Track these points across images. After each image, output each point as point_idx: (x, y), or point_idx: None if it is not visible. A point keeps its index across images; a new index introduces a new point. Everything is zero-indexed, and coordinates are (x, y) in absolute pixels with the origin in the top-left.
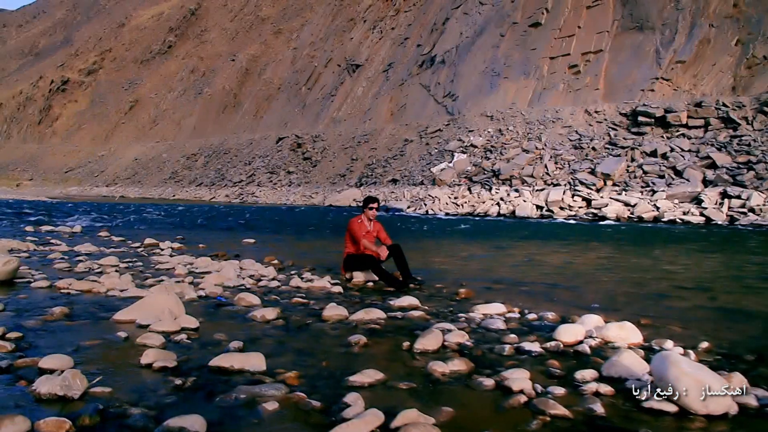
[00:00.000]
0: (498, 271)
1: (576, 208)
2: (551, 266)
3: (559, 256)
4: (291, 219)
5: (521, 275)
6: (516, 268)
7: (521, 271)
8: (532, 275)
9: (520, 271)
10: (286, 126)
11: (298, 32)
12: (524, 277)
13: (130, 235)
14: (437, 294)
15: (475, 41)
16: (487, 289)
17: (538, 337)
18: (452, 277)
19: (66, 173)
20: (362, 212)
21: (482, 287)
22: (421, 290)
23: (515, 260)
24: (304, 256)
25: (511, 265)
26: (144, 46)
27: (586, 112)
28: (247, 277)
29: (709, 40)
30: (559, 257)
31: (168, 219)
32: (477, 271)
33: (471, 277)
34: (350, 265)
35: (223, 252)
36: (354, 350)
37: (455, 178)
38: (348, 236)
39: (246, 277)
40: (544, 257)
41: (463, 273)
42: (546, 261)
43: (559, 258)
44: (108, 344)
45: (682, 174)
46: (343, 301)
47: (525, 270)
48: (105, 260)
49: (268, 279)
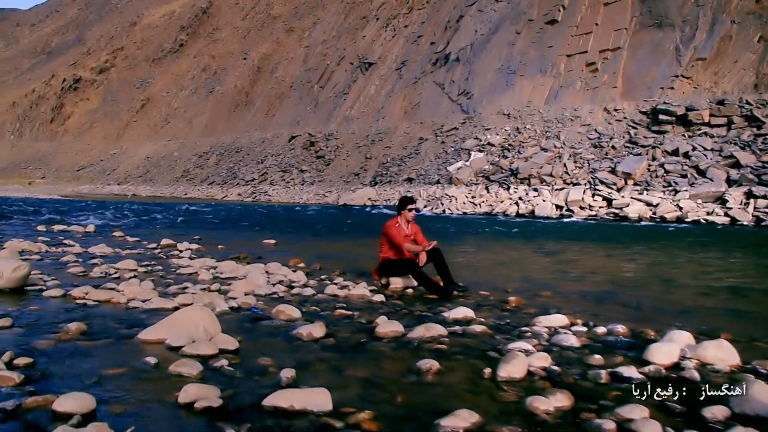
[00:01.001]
0: (538, 275)
1: (596, 208)
2: (589, 269)
3: (596, 258)
4: (308, 219)
5: (563, 279)
6: (555, 272)
7: (561, 274)
8: (574, 279)
9: (561, 275)
10: (298, 124)
11: (310, 30)
12: (566, 281)
13: (145, 235)
14: (485, 302)
15: (490, 39)
16: (534, 296)
17: (624, 357)
18: (492, 281)
19: (78, 171)
20: (398, 214)
21: (529, 294)
22: (466, 298)
23: (550, 262)
24: (330, 259)
25: (549, 269)
26: (155, 44)
27: (605, 110)
28: (277, 283)
29: (731, 37)
30: (596, 259)
31: (182, 218)
32: (516, 275)
33: (512, 282)
34: (387, 270)
35: (245, 254)
36: (427, 378)
37: (472, 177)
38: (384, 240)
39: (276, 284)
40: (580, 259)
41: (502, 277)
42: (583, 263)
43: (597, 260)
44: (135, 373)
45: (705, 173)
46: (389, 312)
47: (564, 274)
48: (122, 264)
49: (300, 285)
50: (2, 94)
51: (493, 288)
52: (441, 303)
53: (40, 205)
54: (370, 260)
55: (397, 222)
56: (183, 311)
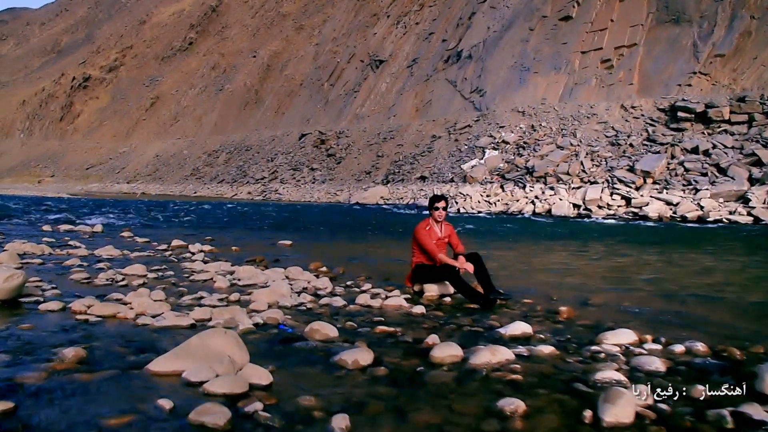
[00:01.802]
0: (578, 280)
1: (615, 207)
2: (631, 271)
3: (633, 259)
4: (321, 218)
5: (605, 284)
6: (595, 276)
7: (602, 279)
8: (617, 284)
9: (602, 279)
10: (308, 122)
11: (320, 28)
12: (609, 286)
13: (155, 236)
14: (533, 313)
15: (503, 36)
16: (583, 304)
17: (730, 388)
18: (532, 287)
19: (87, 170)
20: (429, 215)
21: (576, 301)
22: (510, 307)
23: (587, 265)
24: (352, 262)
25: (587, 272)
26: (165, 42)
27: (622, 107)
28: (301, 291)
29: (750, 33)
30: (633, 260)
31: (193, 217)
32: (554, 279)
33: (554, 288)
34: (421, 276)
35: (261, 257)
36: (515, 425)
37: (487, 175)
38: (415, 245)
39: (301, 292)
40: (616, 260)
41: (541, 282)
42: (622, 265)
43: (635, 262)
44: (146, 423)
45: (726, 172)
46: (433, 326)
47: (606, 278)
48: (130, 269)
49: (327, 294)
50: (12, 92)
51: (536, 295)
52: (485, 314)
53: (47, 204)
54: (395, 263)
55: (428, 224)
56: (203, 336)
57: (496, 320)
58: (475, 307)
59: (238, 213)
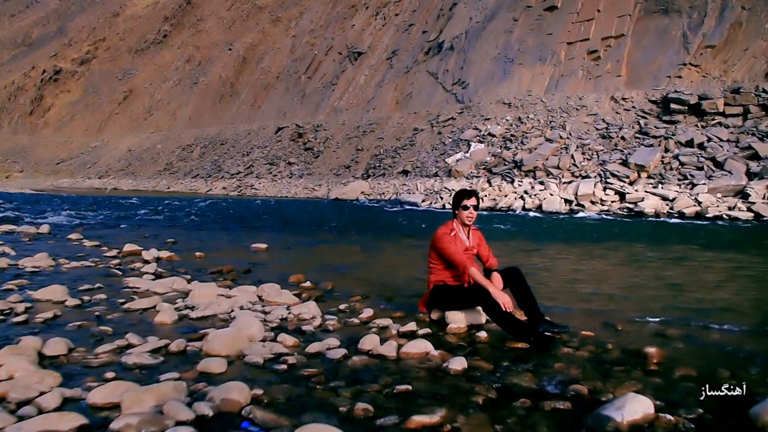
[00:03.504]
0: (622, 292)
1: (609, 203)
2: (682, 282)
3: (672, 265)
4: (300, 214)
5: (660, 299)
6: (638, 287)
7: (643, 288)
8: (671, 299)
9: (646, 290)
10: (284, 116)
11: (297, 20)
12: (669, 303)
13: (109, 238)
14: (608, 356)
15: (485, 26)
16: (660, 337)
17: None
18: (571, 306)
19: (57, 165)
20: (453, 216)
21: (648, 333)
22: (571, 345)
23: (615, 269)
24: (341, 273)
25: (626, 282)
26: (138, 35)
27: (613, 99)
28: (277, 325)
29: (741, 24)
30: (672, 266)
31: (161, 214)
32: (590, 292)
33: (601, 308)
34: (442, 300)
35: (229, 266)
36: None
37: (473, 169)
38: (435, 256)
39: (276, 326)
40: (645, 264)
41: (578, 299)
42: (668, 274)
43: (674, 268)
44: None
45: (723, 166)
46: (491, 401)
47: (649, 288)
48: (45, 291)
49: (316, 329)
50: None
51: (587, 321)
52: (545, 361)
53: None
54: (393, 273)
55: (452, 229)
56: None
57: (573, 373)
58: (523, 347)
59: (209, 210)
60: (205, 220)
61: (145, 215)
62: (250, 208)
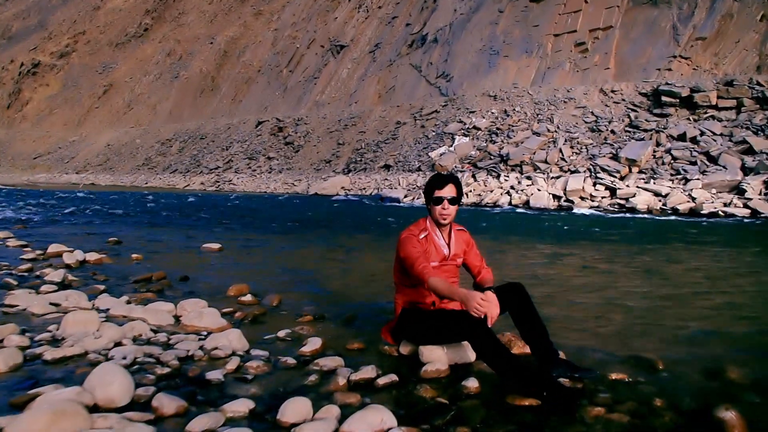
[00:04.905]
0: (654, 315)
1: (599, 199)
2: (725, 295)
3: (700, 274)
4: (271, 211)
5: (698, 322)
6: (665, 306)
7: (676, 309)
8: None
9: (679, 312)
10: (266, 110)
11: (279, 13)
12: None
13: (48, 235)
14: (665, 425)
15: (470, 18)
16: (718, 381)
17: None
18: (588, 331)
19: (35, 159)
20: (427, 212)
21: (704, 375)
22: (600, 401)
23: (627, 282)
24: (298, 282)
25: (642, 298)
26: (119, 28)
27: (602, 91)
28: (174, 365)
29: (732, 15)
30: (707, 275)
31: (122, 209)
32: (612, 313)
33: (629, 333)
34: (413, 329)
35: (161, 273)
36: None
37: (457, 163)
38: (401, 268)
39: (171, 368)
40: (671, 274)
41: (596, 322)
42: (692, 282)
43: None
44: None
45: (717, 160)
46: None
47: (682, 308)
48: None
49: (229, 374)
50: None
51: (618, 355)
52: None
53: None
54: (360, 283)
55: (424, 229)
56: None
57: None
58: (532, 405)
59: (178, 205)
60: (165, 216)
61: (107, 211)
62: (220, 204)
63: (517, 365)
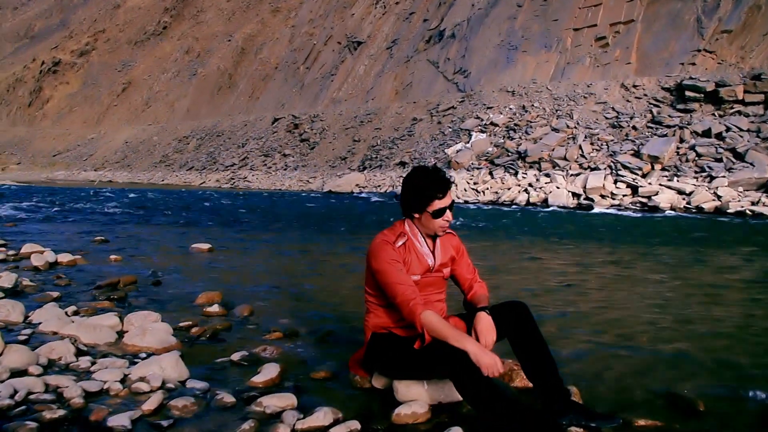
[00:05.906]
0: (683, 336)
1: (620, 197)
2: None
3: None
4: (280, 209)
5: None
6: (698, 324)
7: (712, 327)
8: None
9: (715, 332)
10: (282, 107)
11: (297, 10)
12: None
13: (36, 234)
14: None
15: (488, 13)
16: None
17: None
18: (608, 356)
19: (54, 157)
20: (405, 216)
21: (757, 422)
22: None
23: (652, 293)
24: (280, 290)
25: (668, 313)
26: (138, 26)
27: (623, 86)
28: (79, 404)
29: (760, 7)
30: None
31: (125, 207)
32: (630, 333)
33: (656, 360)
34: (386, 360)
35: (132, 276)
36: None
37: (474, 160)
38: (372, 284)
39: (75, 406)
40: (704, 285)
41: (621, 344)
42: (735, 298)
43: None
44: None
45: (744, 157)
46: None
47: (723, 327)
48: None
49: (147, 415)
50: None
51: (646, 390)
52: None
53: None
54: (351, 293)
55: (401, 234)
56: None
57: None
58: None
59: (185, 203)
60: (165, 214)
61: (111, 208)
62: (231, 200)
63: (515, 411)
